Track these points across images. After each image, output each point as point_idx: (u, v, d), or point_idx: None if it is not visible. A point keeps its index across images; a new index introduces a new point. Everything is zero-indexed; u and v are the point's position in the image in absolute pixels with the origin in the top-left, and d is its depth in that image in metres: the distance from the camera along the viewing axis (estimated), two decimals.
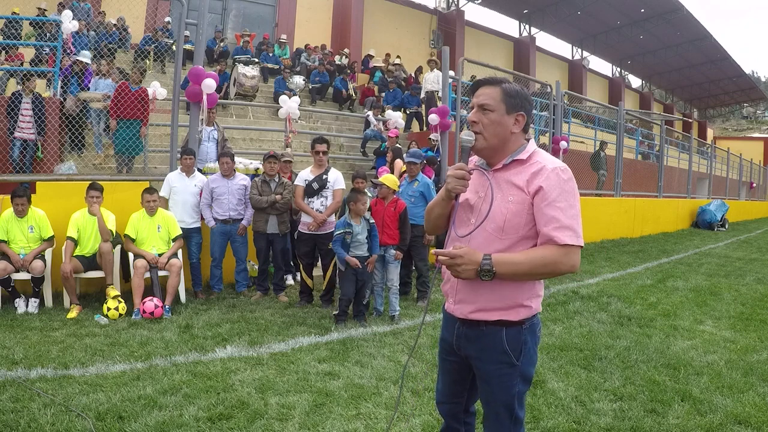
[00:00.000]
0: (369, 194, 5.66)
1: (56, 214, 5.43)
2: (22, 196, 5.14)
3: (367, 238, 5.08)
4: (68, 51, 8.75)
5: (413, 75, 16.23)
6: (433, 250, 1.88)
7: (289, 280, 6.57)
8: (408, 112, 13.07)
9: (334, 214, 5.61)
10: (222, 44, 14.15)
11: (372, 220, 5.18)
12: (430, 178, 7.04)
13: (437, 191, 6.45)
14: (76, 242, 5.30)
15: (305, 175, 5.63)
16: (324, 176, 5.55)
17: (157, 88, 8.34)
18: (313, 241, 5.59)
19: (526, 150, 1.86)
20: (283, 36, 16.40)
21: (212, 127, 7.27)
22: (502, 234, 1.80)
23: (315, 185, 5.51)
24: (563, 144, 10.81)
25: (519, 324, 1.84)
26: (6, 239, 5.15)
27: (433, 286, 3.85)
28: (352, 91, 14.14)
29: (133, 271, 5.26)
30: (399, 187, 5.88)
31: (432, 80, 11.83)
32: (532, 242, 1.81)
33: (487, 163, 1.91)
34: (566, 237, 1.72)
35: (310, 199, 5.54)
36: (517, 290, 1.83)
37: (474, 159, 1.98)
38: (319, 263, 5.88)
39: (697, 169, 19.94)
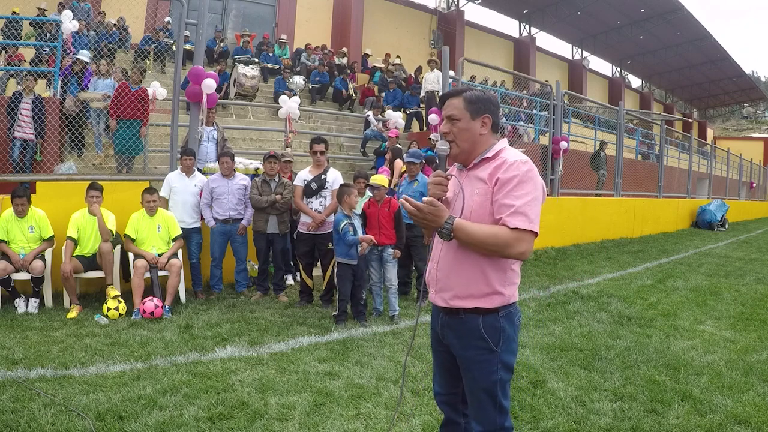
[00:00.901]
0: (371, 195, 5.67)
1: (56, 214, 5.43)
2: (21, 196, 5.14)
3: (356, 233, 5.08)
4: (68, 51, 8.75)
5: (413, 75, 16.22)
6: (403, 197, 2.00)
7: (289, 280, 6.57)
8: (408, 112, 13.06)
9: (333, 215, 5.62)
10: (222, 44, 14.13)
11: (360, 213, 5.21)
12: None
13: None
14: (76, 242, 5.31)
15: (304, 175, 5.64)
16: (323, 176, 5.55)
17: (157, 88, 8.34)
18: (312, 241, 5.59)
19: (493, 148, 2.00)
20: (283, 36, 16.40)
21: (212, 127, 7.27)
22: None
23: (314, 185, 5.52)
24: (563, 144, 10.80)
25: (495, 311, 1.94)
26: (6, 239, 5.15)
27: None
28: (352, 91, 14.13)
29: (133, 271, 5.26)
30: (397, 187, 5.88)
31: (432, 80, 11.83)
32: None
33: (462, 164, 2.08)
34: (518, 221, 1.82)
35: (309, 200, 5.55)
36: (491, 277, 1.93)
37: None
38: (319, 263, 5.88)
39: (697, 169, 19.94)
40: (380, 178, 5.47)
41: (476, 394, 1.99)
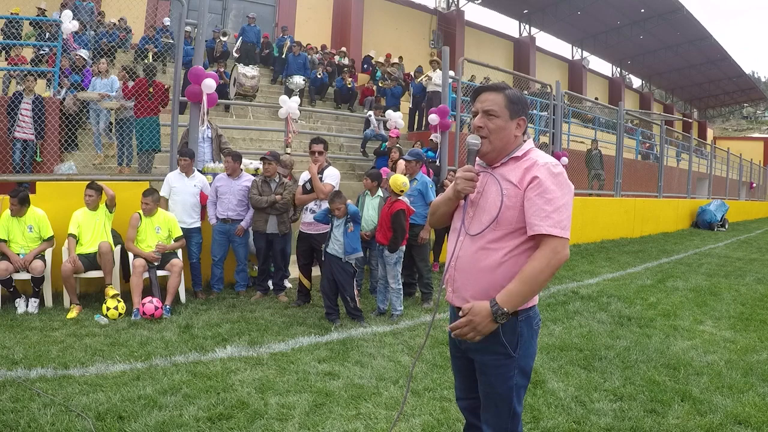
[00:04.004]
0: (381, 195, 5.68)
1: (56, 214, 5.42)
2: (14, 196, 5.11)
3: (343, 234, 5.03)
4: (69, 50, 8.75)
5: (411, 74, 16.22)
6: (448, 328, 1.94)
7: (286, 282, 6.53)
8: (410, 105, 13.07)
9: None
10: (223, 38, 13.99)
11: (350, 213, 5.14)
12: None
13: (436, 191, 6.42)
14: (76, 238, 5.30)
15: (305, 175, 5.67)
16: (319, 176, 5.55)
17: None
18: (309, 241, 5.59)
19: (522, 148, 1.95)
20: (288, 36, 16.36)
21: (205, 126, 7.15)
22: (497, 225, 1.89)
23: (308, 186, 5.54)
24: (564, 160, 10.88)
25: (514, 315, 1.88)
26: (7, 239, 5.15)
27: (435, 288, 3.85)
28: (349, 84, 14.03)
29: (132, 270, 5.26)
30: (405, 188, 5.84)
31: (437, 80, 11.82)
32: (522, 237, 1.87)
33: (487, 162, 2.01)
34: (550, 227, 1.79)
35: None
36: (510, 280, 1.86)
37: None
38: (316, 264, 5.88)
39: (697, 169, 19.94)
40: (392, 181, 5.37)
41: (491, 399, 1.95)
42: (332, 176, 5.55)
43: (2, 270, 4.94)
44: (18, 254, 5.12)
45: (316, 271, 5.92)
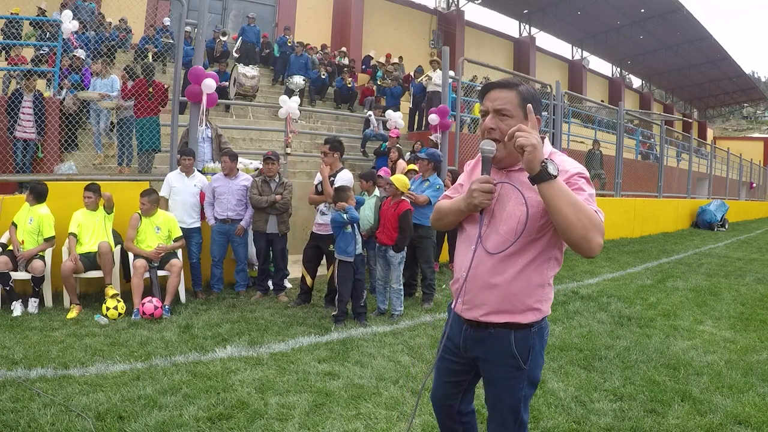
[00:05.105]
0: (377, 194, 5.67)
1: (56, 214, 5.42)
2: (28, 187, 5.35)
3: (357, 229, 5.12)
4: (69, 50, 8.74)
5: (411, 74, 16.21)
6: (513, 130, 1.68)
7: (286, 282, 6.54)
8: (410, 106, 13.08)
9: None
10: (223, 38, 13.98)
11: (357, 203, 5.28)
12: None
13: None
14: (77, 238, 5.31)
15: (320, 176, 5.62)
16: (332, 178, 5.52)
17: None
18: (317, 241, 5.59)
19: (543, 152, 1.81)
20: (289, 36, 16.34)
21: (205, 126, 7.14)
22: (515, 236, 1.76)
23: (319, 188, 5.52)
24: None
25: (528, 327, 1.81)
26: (17, 224, 5.25)
27: (437, 288, 3.85)
28: (349, 83, 14.02)
29: (132, 270, 5.26)
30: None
31: (437, 80, 11.81)
32: (540, 245, 1.78)
33: (501, 167, 1.85)
34: (597, 211, 1.65)
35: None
36: (529, 293, 1.79)
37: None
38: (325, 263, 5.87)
39: (697, 169, 19.95)
40: (399, 181, 5.37)
41: (499, 409, 1.88)
42: (343, 180, 5.44)
43: (2, 264, 4.96)
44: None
45: (320, 271, 5.92)
